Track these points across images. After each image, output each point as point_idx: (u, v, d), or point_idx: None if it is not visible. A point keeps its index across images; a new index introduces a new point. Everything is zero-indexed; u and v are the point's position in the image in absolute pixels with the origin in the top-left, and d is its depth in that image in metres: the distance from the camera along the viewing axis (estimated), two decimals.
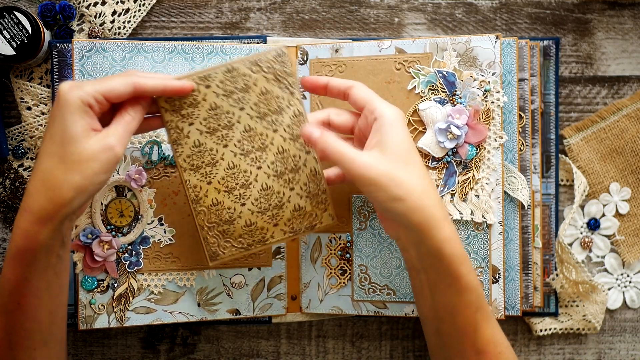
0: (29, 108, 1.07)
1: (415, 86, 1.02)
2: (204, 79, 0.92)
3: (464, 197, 1.01)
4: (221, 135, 0.94)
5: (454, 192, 1.01)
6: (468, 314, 0.90)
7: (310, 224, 0.97)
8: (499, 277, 1.02)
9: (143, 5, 1.08)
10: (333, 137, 0.90)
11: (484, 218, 1.01)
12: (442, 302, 0.91)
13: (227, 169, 0.94)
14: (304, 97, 1.07)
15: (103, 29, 1.07)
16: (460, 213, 1.01)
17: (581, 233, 1.12)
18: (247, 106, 0.94)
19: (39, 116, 1.06)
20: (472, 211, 1.01)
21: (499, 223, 1.01)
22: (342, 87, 0.95)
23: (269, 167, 0.95)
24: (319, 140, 0.90)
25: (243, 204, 0.95)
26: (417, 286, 0.94)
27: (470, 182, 1.01)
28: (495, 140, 1.01)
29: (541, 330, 1.11)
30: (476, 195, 1.01)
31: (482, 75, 1.01)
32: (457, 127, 0.99)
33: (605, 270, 1.13)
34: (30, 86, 1.06)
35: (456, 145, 1.00)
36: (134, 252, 1.02)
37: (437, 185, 1.01)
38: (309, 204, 0.96)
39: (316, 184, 0.96)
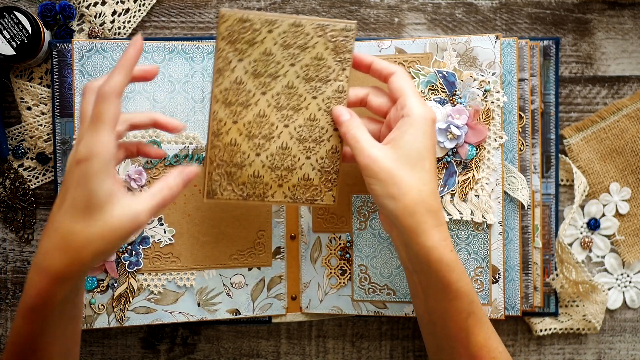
0: (29, 108, 1.07)
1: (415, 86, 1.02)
2: (269, 23, 0.92)
3: (464, 197, 1.01)
4: (264, 82, 0.94)
5: (453, 192, 1.01)
6: (459, 320, 0.90)
7: (312, 198, 0.97)
8: (499, 277, 1.02)
9: (143, 5, 1.08)
10: (358, 123, 0.93)
11: (484, 218, 1.01)
12: (434, 307, 0.92)
13: (257, 115, 0.94)
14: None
15: (103, 29, 1.07)
16: (460, 213, 1.01)
17: (581, 233, 1.12)
18: (298, 64, 0.94)
19: (39, 116, 1.06)
20: (472, 211, 1.01)
21: (499, 223, 1.01)
22: (385, 71, 0.95)
23: (295, 129, 0.95)
24: (344, 123, 0.93)
25: (258, 154, 0.95)
26: (412, 286, 0.95)
27: (470, 182, 1.01)
28: (495, 141, 1.01)
29: (541, 330, 1.11)
30: (476, 195, 1.01)
31: (482, 75, 1.01)
32: (457, 127, 0.99)
33: (605, 270, 1.13)
34: (30, 86, 1.06)
35: (456, 145, 1.00)
36: (133, 252, 1.02)
37: (437, 186, 1.01)
38: (318, 178, 0.97)
39: (332, 162, 0.97)
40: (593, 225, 1.12)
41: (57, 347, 0.89)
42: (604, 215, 1.13)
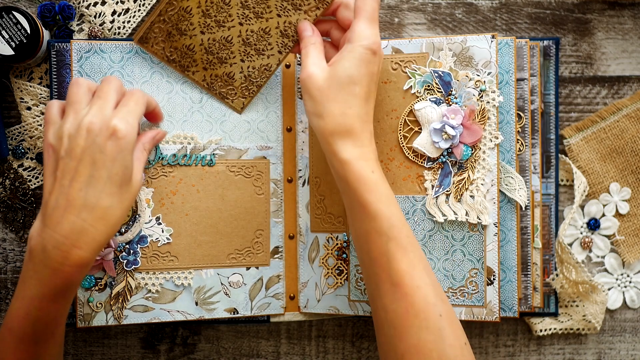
0: (28, 108, 1.07)
1: (411, 86, 1.02)
2: None
3: (459, 197, 1.01)
4: None
5: (449, 192, 1.01)
6: (380, 243, 0.90)
7: (224, 94, 1.04)
8: (494, 279, 1.02)
9: (143, 5, 1.09)
10: (315, 41, 0.99)
11: (479, 219, 1.01)
12: (357, 228, 0.93)
13: (221, 0, 1.00)
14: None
15: (103, 28, 1.08)
16: (455, 214, 1.01)
17: (581, 233, 1.12)
18: None
19: (39, 116, 1.07)
20: (467, 212, 1.01)
21: (494, 224, 1.01)
22: None
23: (247, 31, 1.01)
24: (305, 38, 1.00)
25: (203, 32, 1.00)
26: (345, 211, 0.98)
27: (465, 182, 1.01)
28: (491, 141, 1.00)
29: (541, 331, 1.11)
30: (471, 196, 1.01)
31: (478, 75, 1.01)
32: (452, 127, 0.99)
33: (605, 270, 1.12)
34: (30, 86, 1.07)
35: (451, 145, 1.00)
36: (131, 251, 1.03)
37: (433, 186, 1.01)
38: (240, 82, 1.03)
39: (259, 76, 1.03)
40: (593, 225, 1.12)
41: (64, 325, 0.93)
42: (604, 215, 1.12)
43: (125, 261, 1.02)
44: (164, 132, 1.02)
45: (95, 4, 1.07)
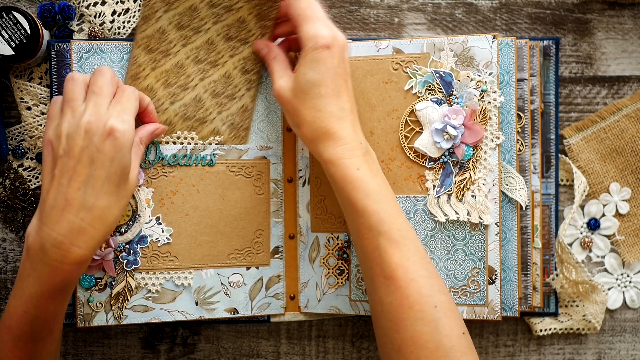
0: (28, 108, 1.07)
1: (412, 86, 1.02)
2: None
3: (460, 197, 1.01)
4: (186, 34, 1.01)
5: (450, 192, 1.01)
6: (370, 238, 0.91)
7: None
8: (496, 278, 1.02)
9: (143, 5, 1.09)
10: (274, 55, 1.00)
11: (481, 219, 1.01)
12: (350, 225, 0.94)
13: (175, 66, 1.01)
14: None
15: (103, 28, 1.08)
16: (457, 213, 1.01)
17: (581, 233, 1.12)
18: (220, 23, 1.01)
19: (39, 116, 1.07)
20: (468, 212, 1.01)
21: (496, 224, 1.01)
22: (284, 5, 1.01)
23: (210, 83, 1.02)
24: (264, 57, 1.02)
25: (172, 103, 1.02)
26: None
27: (466, 182, 1.01)
28: (492, 141, 1.01)
29: (541, 330, 1.11)
30: (473, 196, 1.01)
31: (479, 75, 1.01)
32: (454, 127, 0.99)
33: (605, 270, 1.13)
34: (30, 86, 1.07)
35: (453, 145, 1.00)
36: (131, 251, 1.02)
37: (434, 186, 1.02)
38: (228, 134, 1.04)
39: (242, 119, 1.04)
40: (593, 225, 1.12)
41: (61, 326, 0.94)
42: (604, 215, 1.12)
43: (125, 261, 1.02)
44: (164, 127, 1.02)
45: (95, 4, 1.07)
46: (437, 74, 1.01)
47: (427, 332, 0.88)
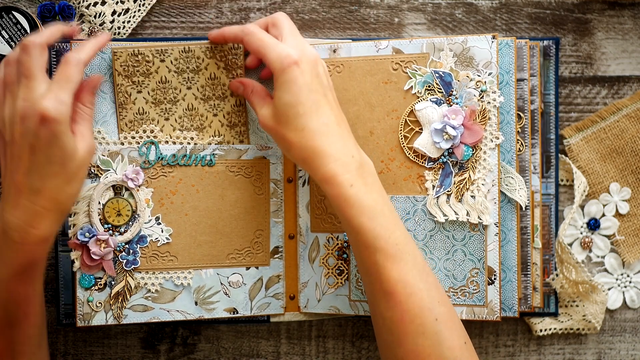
0: None
1: (411, 86, 1.02)
2: (160, 53, 1.00)
3: (460, 197, 1.01)
4: (165, 108, 1.02)
5: (450, 192, 1.01)
6: (368, 254, 0.91)
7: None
8: (495, 279, 1.02)
9: (143, 5, 1.09)
10: (251, 90, 1.00)
11: (480, 219, 1.01)
12: (350, 241, 0.94)
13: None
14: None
15: (103, 28, 1.08)
16: (456, 214, 1.01)
17: (581, 233, 1.12)
18: (194, 87, 1.02)
19: None
20: (467, 212, 1.01)
21: (495, 224, 1.01)
22: (238, 34, 0.99)
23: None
24: (243, 94, 1.02)
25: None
26: None
27: (466, 182, 1.01)
28: (492, 141, 1.00)
29: (541, 331, 1.11)
30: (472, 196, 1.01)
31: (479, 76, 1.01)
32: (453, 127, 0.99)
33: (605, 270, 1.12)
34: None
35: (452, 145, 1.00)
36: (131, 251, 1.03)
37: (433, 186, 1.02)
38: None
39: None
40: (593, 225, 1.12)
41: (39, 305, 0.94)
42: (604, 215, 1.12)
43: (124, 261, 1.02)
44: (99, 77, 1.00)
45: (95, 4, 1.07)
46: (437, 74, 1.01)
47: (429, 345, 0.89)
